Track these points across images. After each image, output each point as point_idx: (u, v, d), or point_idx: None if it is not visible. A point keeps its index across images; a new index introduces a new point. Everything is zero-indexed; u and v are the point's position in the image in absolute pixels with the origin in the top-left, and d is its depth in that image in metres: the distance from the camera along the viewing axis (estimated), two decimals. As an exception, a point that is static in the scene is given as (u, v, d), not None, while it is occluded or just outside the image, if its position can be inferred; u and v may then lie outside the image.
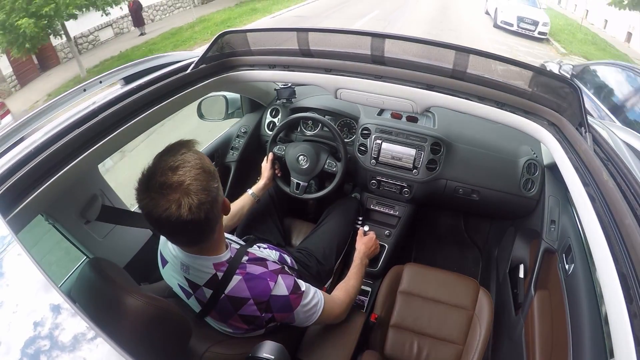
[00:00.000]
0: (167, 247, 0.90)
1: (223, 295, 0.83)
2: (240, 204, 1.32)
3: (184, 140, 0.78)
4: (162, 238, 0.92)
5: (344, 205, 1.56)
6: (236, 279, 0.84)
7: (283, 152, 1.49)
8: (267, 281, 0.85)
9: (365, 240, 1.41)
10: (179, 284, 0.89)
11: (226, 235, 0.96)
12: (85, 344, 0.43)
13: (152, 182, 0.70)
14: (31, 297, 0.49)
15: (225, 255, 0.86)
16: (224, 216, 0.85)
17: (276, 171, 1.50)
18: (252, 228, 1.40)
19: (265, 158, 1.49)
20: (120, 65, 1.11)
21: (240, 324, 0.87)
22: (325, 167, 1.47)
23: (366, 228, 1.52)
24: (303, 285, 0.93)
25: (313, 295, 0.94)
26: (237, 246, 0.95)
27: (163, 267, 0.93)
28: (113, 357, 0.42)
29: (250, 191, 1.39)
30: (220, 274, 0.84)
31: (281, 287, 0.86)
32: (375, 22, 9.38)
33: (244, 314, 0.85)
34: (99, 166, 1.12)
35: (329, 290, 1.27)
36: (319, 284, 1.22)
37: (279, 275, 0.88)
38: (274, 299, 0.85)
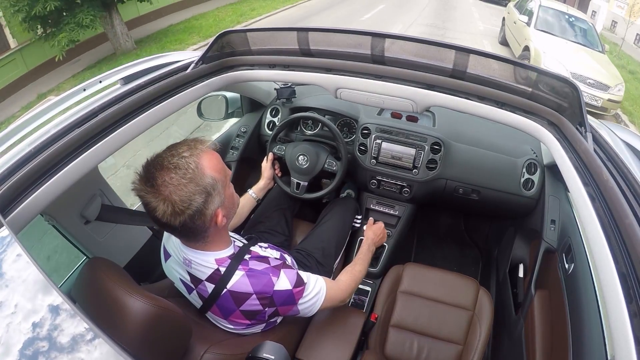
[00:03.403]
0: (170, 241, 0.91)
1: (225, 290, 0.84)
2: (240, 204, 1.32)
3: (191, 139, 0.78)
4: (166, 232, 0.93)
5: (342, 205, 1.56)
6: (238, 274, 0.84)
7: (283, 152, 1.49)
8: (269, 276, 0.85)
9: (374, 229, 1.43)
10: (180, 279, 0.90)
11: (229, 233, 0.96)
12: (84, 345, 0.43)
13: (148, 174, 0.72)
14: (30, 297, 0.49)
15: (228, 251, 0.87)
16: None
17: (276, 171, 1.50)
18: (260, 223, 1.41)
19: (265, 158, 1.49)
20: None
21: (241, 319, 0.88)
22: (325, 166, 1.47)
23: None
24: (305, 277, 0.93)
25: (314, 285, 0.94)
26: (240, 244, 0.95)
27: (166, 261, 0.93)
28: (112, 357, 0.42)
29: (250, 192, 1.39)
30: (222, 269, 0.84)
31: (284, 282, 0.87)
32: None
33: (246, 309, 0.86)
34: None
35: None
36: None
37: (282, 270, 0.88)
38: (277, 294, 0.86)
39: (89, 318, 0.46)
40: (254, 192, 1.39)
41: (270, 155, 1.48)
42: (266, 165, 1.47)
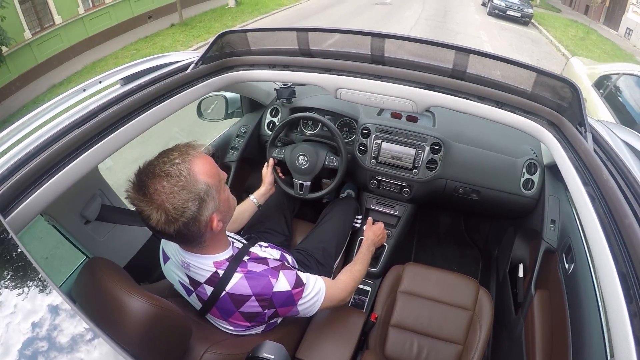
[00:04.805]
0: (169, 244, 0.90)
1: (224, 292, 0.84)
2: (240, 209, 1.32)
3: (183, 144, 0.78)
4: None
5: (342, 205, 1.56)
6: (237, 276, 0.84)
7: (282, 155, 1.49)
8: (268, 278, 0.85)
9: (374, 229, 1.43)
10: (179, 281, 0.90)
11: (229, 234, 0.96)
12: (84, 345, 0.43)
13: (140, 182, 0.72)
14: (30, 297, 0.49)
15: (226, 254, 0.87)
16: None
17: (279, 174, 1.49)
18: (259, 223, 1.41)
19: (266, 164, 1.48)
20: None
21: (241, 321, 0.88)
22: (325, 163, 1.47)
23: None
24: (304, 277, 0.93)
25: (314, 285, 0.94)
26: (240, 245, 0.95)
27: (165, 264, 0.93)
28: (112, 357, 0.42)
29: (252, 197, 1.38)
30: (221, 272, 0.84)
31: (283, 283, 0.87)
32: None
33: (245, 311, 0.86)
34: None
35: None
36: None
37: (280, 271, 0.88)
38: (276, 295, 0.86)
39: (88, 318, 0.46)
40: (255, 198, 1.38)
41: (271, 160, 1.47)
42: (267, 171, 1.46)
